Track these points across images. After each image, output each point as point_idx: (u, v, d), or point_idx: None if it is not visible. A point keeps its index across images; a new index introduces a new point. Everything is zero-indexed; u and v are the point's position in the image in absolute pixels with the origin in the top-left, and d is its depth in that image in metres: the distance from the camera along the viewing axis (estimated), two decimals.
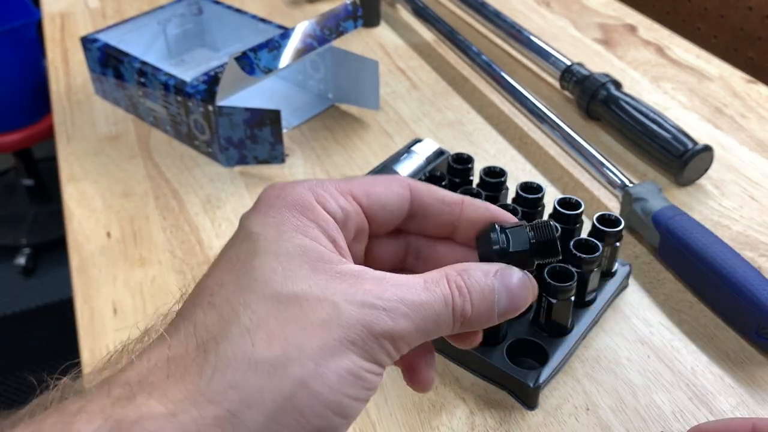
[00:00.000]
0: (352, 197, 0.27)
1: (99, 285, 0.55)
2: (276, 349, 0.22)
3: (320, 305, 0.23)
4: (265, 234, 0.24)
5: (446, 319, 0.25)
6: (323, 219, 0.25)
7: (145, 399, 0.21)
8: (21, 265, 1.77)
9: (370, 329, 0.23)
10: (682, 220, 0.53)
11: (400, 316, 0.23)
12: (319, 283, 0.23)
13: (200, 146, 0.69)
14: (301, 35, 0.64)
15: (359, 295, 0.23)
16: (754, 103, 0.75)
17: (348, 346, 0.22)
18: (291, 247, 0.24)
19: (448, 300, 0.25)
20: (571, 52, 0.84)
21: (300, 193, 0.26)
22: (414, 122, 0.73)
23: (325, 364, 0.22)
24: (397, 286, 0.24)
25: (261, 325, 0.22)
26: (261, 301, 0.23)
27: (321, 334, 0.22)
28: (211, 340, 0.22)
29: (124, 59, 0.70)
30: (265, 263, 0.23)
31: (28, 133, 1.60)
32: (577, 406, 0.44)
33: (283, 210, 0.25)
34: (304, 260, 0.24)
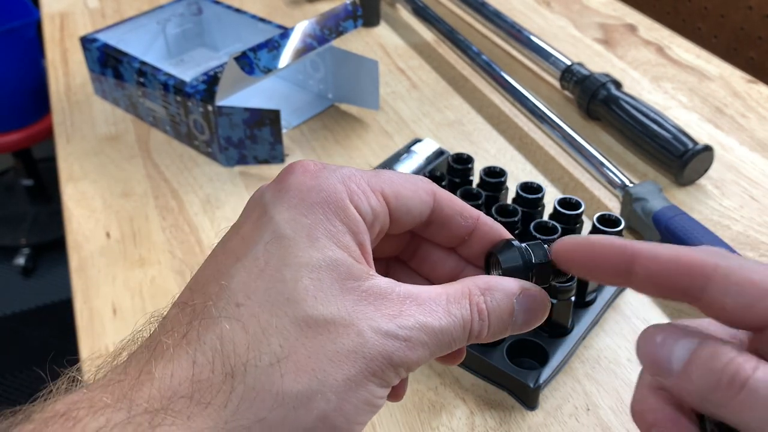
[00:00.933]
0: (383, 196, 0.26)
1: (98, 285, 0.55)
2: (303, 383, 0.22)
3: (347, 332, 0.23)
4: (297, 240, 0.24)
5: (460, 341, 0.25)
6: (355, 222, 0.25)
7: (167, 429, 0.20)
8: (20, 265, 1.77)
9: (390, 361, 0.23)
10: (683, 220, 0.53)
11: (419, 345, 0.24)
12: (347, 306, 0.23)
13: (200, 146, 0.68)
14: (301, 35, 0.64)
15: (384, 323, 0.23)
16: (755, 103, 0.75)
17: (369, 378, 0.23)
18: (323, 261, 0.23)
19: (467, 325, 0.25)
20: (571, 51, 0.84)
21: (334, 187, 0.25)
22: (414, 122, 0.73)
23: (347, 397, 0.22)
24: (419, 307, 0.24)
25: (291, 354, 0.22)
26: (292, 326, 0.22)
27: (347, 367, 0.22)
28: (240, 366, 0.21)
29: (124, 59, 0.70)
30: (297, 278, 0.23)
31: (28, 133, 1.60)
32: (577, 406, 0.44)
33: (315, 208, 0.24)
34: (334, 277, 0.23)
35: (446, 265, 0.30)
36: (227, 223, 0.60)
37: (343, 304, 0.23)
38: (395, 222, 0.27)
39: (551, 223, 0.48)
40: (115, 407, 0.21)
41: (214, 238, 0.59)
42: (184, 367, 0.22)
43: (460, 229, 0.29)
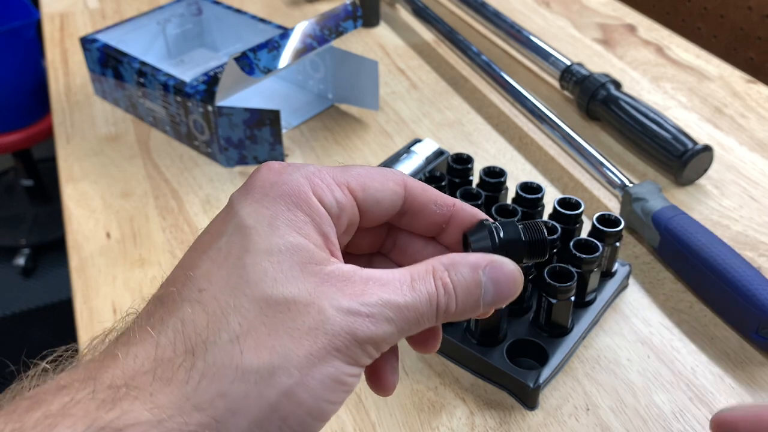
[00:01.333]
0: (349, 189, 0.27)
1: (98, 285, 0.55)
2: (264, 358, 0.22)
3: (307, 310, 0.23)
4: (258, 228, 0.24)
5: (429, 318, 0.25)
6: (317, 213, 0.25)
7: (130, 404, 0.21)
8: (20, 266, 1.77)
9: (355, 336, 0.23)
10: (682, 220, 0.53)
11: (384, 321, 0.24)
12: (307, 287, 0.23)
13: (200, 146, 0.68)
14: (301, 35, 0.64)
15: (345, 301, 0.23)
16: (754, 103, 0.75)
17: (333, 354, 0.23)
18: (283, 246, 0.24)
19: (433, 300, 0.25)
20: (570, 52, 0.84)
21: (297, 181, 0.25)
22: (414, 122, 0.73)
23: (310, 372, 0.22)
24: (382, 287, 0.24)
25: (250, 331, 0.22)
26: (251, 304, 0.23)
27: (307, 342, 0.22)
28: (200, 344, 0.22)
29: (124, 59, 0.70)
30: (256, 263, 0.23)
31: (28, 133, 1.60)
32: (577, 406, 0.44)
33: (278, 200, 0.25)
34: (294, 261, 0.24)
35: (427, 254, 0.30)
36: None
37: (304, 285, 0.23)
38: (366, 214, 0.28)
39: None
40: (79, 387, 0.21)
41: None
42: (147, 349, 0.22)
43: (435, 216, 0.29)
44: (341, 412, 0.44)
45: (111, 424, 0.20)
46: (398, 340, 0.25)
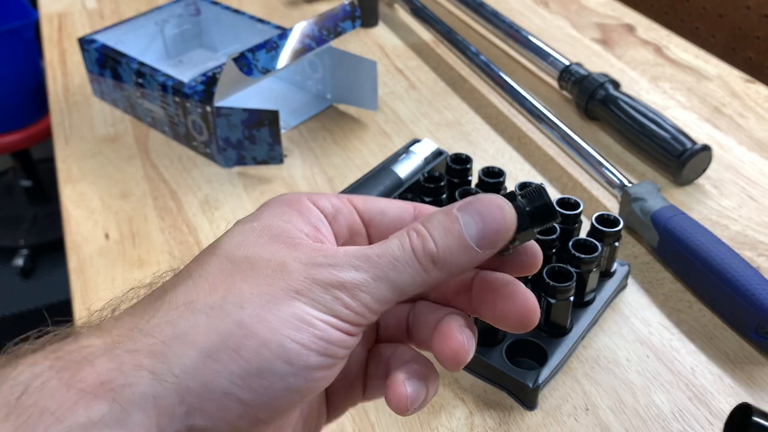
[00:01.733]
0: (349, 201, 0.27)
1: (97, 286, 0.55)
2: (217, 295, 0.22)
3: (268, 264, 0.23)
4: (245, 223, 0.25)
5: (408, 261, 0.23)
6: (307, 209, 0.26)
7: (87, 336, 0.22)
8: (19, 267, 1.77)
9: (315, 279, 0.22)
10: (681, 220, 0.53)
11: (349, 267, 0.23)
12: (272, 249, 0.24)
13: (198, 147, 0.68)
14: (300, 36, 0.64)
15: (307, 257, 0.23)
16: (753, 103, 0.75)
17: (292, 295, 0.22)
18: (258, 224, 0.25)
19: (405, 243, 0.23)
20: (569, 52, 0.84)
21: (295, 195, 0.27)
22: (412, 122, 0.73)
23: (267, 308, 0.22)
24: (351, 250, 0.24)
25: (207, 277, 0.23)
26: (214, 262, 0.24)
27: (264, 284, 0.22)
28: (160, 290, 0.24)
29: (122, 60, 0.70)
30: (228, 236, 0.25)
31: (26, 134, 1.60)
32: (576, 406, 0.44)
33: (272, 205, 0.26)
34: (265, 232, 0.24)
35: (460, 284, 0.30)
36: (226, 223, 0.60)
37: (269, 248, 0.24)
38: (371, 222, 0.27)
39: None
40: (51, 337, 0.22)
41: (213, 239, 0.59)
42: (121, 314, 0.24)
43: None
44: None
45: (64, 348, 0.21)
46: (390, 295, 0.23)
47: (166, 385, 0.21)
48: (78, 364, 0.20)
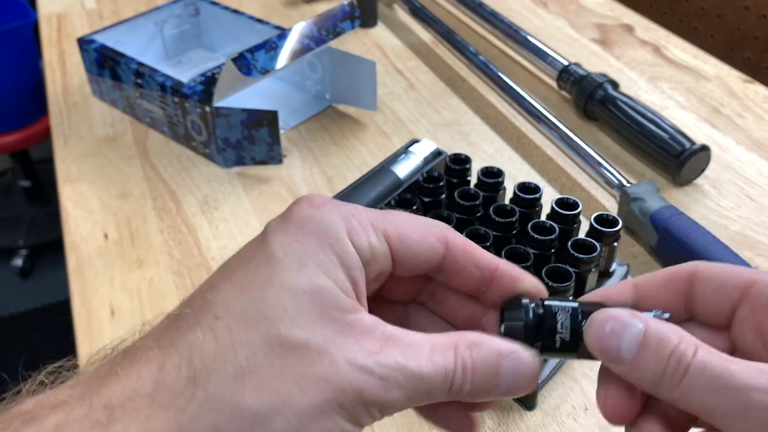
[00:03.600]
0: (385, 236, 0.26)
1: (96, 286, 0.55)
2: (265, 399, 0.21)
3: (320, 359, 0.22)
4: (286, 262, 0.23)
5: (440, 393, 0.24)
6: (349, 256, 0.24)
7: (124, 427, 0.20)
8: (18, 267, 1.76)
9: (362, 397, 0.22)
10: (680, 220, 0.53)
11: (395, 386, 0.23)
12: (324, 334, 0.23)
13: (197, 147, 0.68)
14: (299, 36, 0.64)
15: (360, 357, 0.23)
16: (751, 103, 0.75)
17: (336, 409, 0.22)
18: (308, 286, 0.23)
19: (449, 375, 0.24)
20: (568, 52, 0.84)
21: (333, 220, 0.25)
22: (411, 123, 0.73)
23: (309, 424, 0.22)
24: (401, 349, 0.23)
25: (256, 369, 0.22)
26: (263, 342, 0.22)
27: (313, 392, 0.22)
28: (204, 373, 0.22)
29: (121, 60, 0.70)
30: (277, 298, 0.23)
31: (25, 134, 1.60)
32: (575, 406, 0.44)
33: (311, 237, 0.24)
34: (316, 303, 0.23)
35: (465, 309, 0.29)
36: (225, 224, 0.60)
37: (321, 331, 0.23)
38: (401, 265, 0.27)
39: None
40: (75, 404, 0.21)
41: (212, 239, 0.59)
42: (151, 370, 0.22)
43: (474, 279, 0.28)
44: None
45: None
46: (402, 410, 0.24)
47: None
48: None
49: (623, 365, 0.24)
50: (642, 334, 0.23)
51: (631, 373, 0.24)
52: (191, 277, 0.55)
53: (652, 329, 0.23)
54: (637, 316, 0.24)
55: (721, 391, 0.22)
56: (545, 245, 0.47)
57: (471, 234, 0.47)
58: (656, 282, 0.27)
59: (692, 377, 0.22)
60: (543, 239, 0.47)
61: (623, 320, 0.24)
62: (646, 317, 0.24)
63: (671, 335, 0.23)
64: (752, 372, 0.22)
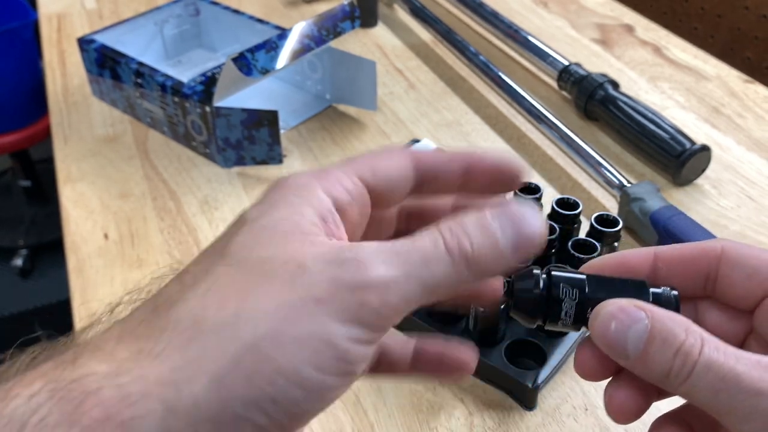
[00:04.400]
0: (359, 177, 0.25)
1: (96, 286, 0.55)
2: (227, 310, 0.20)
3: (284, 267, 0.21)
4: (251, 216, 0.23)
5: (441, 260, 0.22)
6: (319, 199, 0.24)
7: (88, 359, 0.20)
8: (18, 267, 1.76)
9: (341, 281, 0.20)
10: (680, 220, 0.53)
11: (379, 262, 0.21)
12: (288, 249, 0.21)
13: (198, 147, 0.68)
14: (299, 36, 0.64)
15: (330, 254, 0.21)
16: (752, 103, 0.75)
17: (312, 306, 0.20)
18: (269, 222, 0.22)
19: (437, 239, 0.22)
20: (568, 52, 0.84)
21: (301, 179, 0.24)
22: (412, 123, 0.73)
23: (282, 326, 0.20)
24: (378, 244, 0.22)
25: (218, 289, 0.21)
26: (224, 268, 0.21)
27: (279, 294, 0.20)
28: (166, 304, 0.21)
29: (121, 60, 0.70)
30: (239, 239, 0.22)
31: (25, 134, 1.60)
32: (575, 406, 0.44)
33: (277, 195, 0.24)
34: (277, 229, 0.22)
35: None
36: (225, 223, 0.60)
37: (283, 246, 0.21)
38: (380, 195, 0.26)
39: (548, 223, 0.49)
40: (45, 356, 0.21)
41: (213, 239, 0.59)
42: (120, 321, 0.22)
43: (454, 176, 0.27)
44: (339, 411, 0.44)
45: (65, 377, 0.19)
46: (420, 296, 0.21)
47: (178, 416, 0.19)
48: (80, 395, 0.19)
49: (629, 361, 0.23)
50: (647, 330, 0.23)
51: (637, 368, 0.23)
52: None
53: (658, 325, 0.23)
54: (643, 308, 0.23)
55: (726, 392, 0.22)
56: (545, 245, 0.47)
57: None
58: (679, 256, 0.27)
59: (698, 376, 0.22)
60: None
61: (629, 315, 0.23)
62: (652, 310, 0.23)
63: (677, 331, 0.23)
64: (759, 372, 0.22)
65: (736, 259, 0.26)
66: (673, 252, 0.27)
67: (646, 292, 0.25)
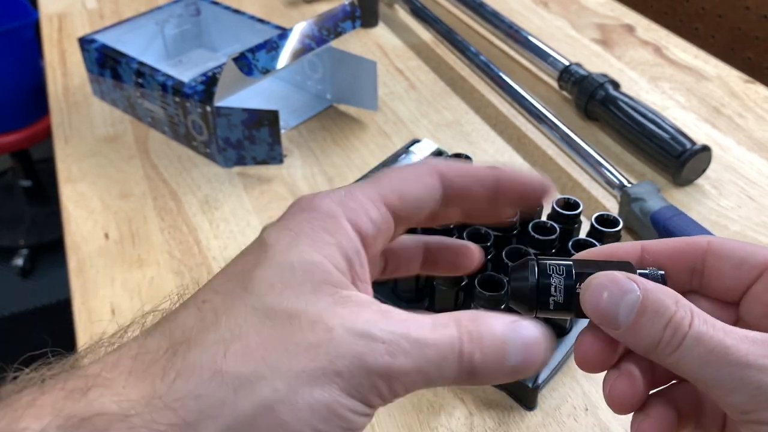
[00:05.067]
0: (385, 203, 0.25)
1: (97, 286, 0.55)
2: (249, 366, 0.20)
3: (312, 327, 0.21)
4: (277, 245, 0.23)
5: (451, 365, 0.22)
6: (346, 236, 0.23)
7: (99, 394, 0.19)
8: (19, 267, 1.77)
9: (364, 363, 0.21)
10: (681, 221, 0.53)
11: (401, 352, 0.21)
12: (317, 305, 0.21)
13: (198, 147, 0.68)
14: (299, 36, 0.64)
15: (359, 324, 0.21)
16: (752, 103, 0.75)
17: (332, 378, 0.20)
18: (298, 262, 0.22)
19: (455, 344, 0.22)
20: (569, 52, 0.84)
21: (328, 206, 0.24)
22: (412, 123, 0.73)
23: (300, 391, 0.20)
24: (403, 321, 0.22)
25: (240, 337, 0.20)
26: (248, 312, 0.21)
27: (304, 359, 0.20)
28: (184, 342, 0.21)
29: (122, 60, 0.70)
30: (265, 276, 0.22)
31: (26, 134, 1.60)
32: (576, 406, 0.44)
33: (304, 222, 0.23)
34: (307, 277, 0.22)
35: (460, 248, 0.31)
36: (225, 223, 0.60)
37: (314, 301, 0.21)
38: (406, 218, 0.26)
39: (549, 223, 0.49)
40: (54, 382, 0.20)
41: (213, 239, 0.59)
42: (131, 348, 0.21)
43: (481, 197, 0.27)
44: None
45: (76, 414, 0.19)
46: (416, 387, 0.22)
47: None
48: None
49: (620, 331, 0.24)
50: (639, 300, 0.23)
51: (628, 338, 0.24)
52: (192, 277, 0.55)
53: (650, 296, 0.23)
54: (634, 280, 0.24)
55: (714, 364, 0.22)
56: (546, 245, 0.47)
57: (471, 234, 0.47)
58: (666, 249, 0.27)
59: (687, 348, 0.22)
60: (544, 239, 0.47)
61: (621, 285, 0.24)
62: (643, 282, 0.24)
63: (668, 303, 0.23)
64: (746, 346, 0.22)
65: (722, 251, 0.26)
66: (660, 245, 0.27)
67: (633, 271, 0.25)
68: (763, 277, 0.26)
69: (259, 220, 0.61)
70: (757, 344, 0.22)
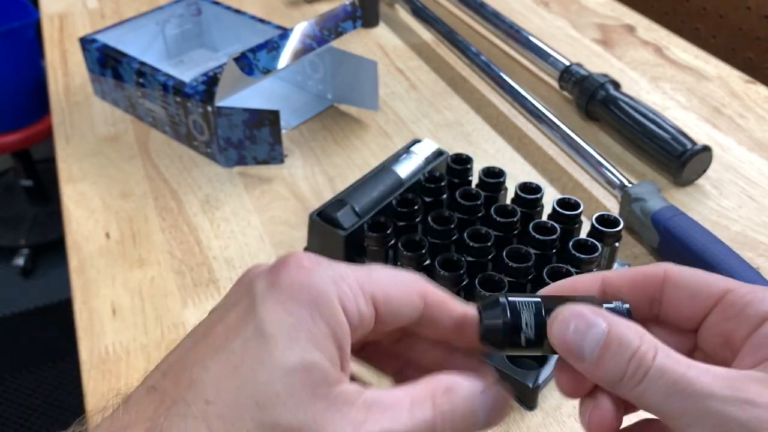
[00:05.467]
0: (373, 300, 0.26)
1: (98, 286, 0.55)
2: None
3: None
4: (277, 339, 0.23)
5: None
6: (340, 325, 0.24)
7: None
8: (20, 266, 1.77)
9: None
10: (681, 221, 0.53)
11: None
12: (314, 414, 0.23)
13: (199, 147, 0.69)
14: (300, 36, 0.64)
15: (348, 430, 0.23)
16: (753, 103, 0.75)
17: None
18: (299, 364, 0.23)
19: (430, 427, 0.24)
20: (569, 52, 0.84)
21: (326, 287, 0.24)
22: (413, 123, 0.73)
23: None
24: (383, 413, 0.24)
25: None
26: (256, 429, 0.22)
27: None
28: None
29: (123, 60, 0.70)
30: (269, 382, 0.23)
31: (27, 133, 1.60)
32: (576, 406, 0.44)
33: (303, 308, 0.24)
34: (307, 382, 0.23)
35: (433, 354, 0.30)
36: (226, 223, 0.60)
37: (312, 411, 0.23)
38: (383, 323, 0.27)
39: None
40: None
41: (213, 239, 0.59)
42: None
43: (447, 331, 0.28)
44: None
45: None
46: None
47: None
48: None
49: (585, 364, 0.24)
50: (604, 335, 0.24)
51: (593, 372, 0.24)
52: (192, 277, 0.55)
53: (614, 332, 0.24)
54: (600, 315, 0.24)
55: (677, 396, 0.22)
56: (546, 245, 0.47)
57: (472, 234, 0.47)
58: (625, 279, 0.28)
59: (651, 381, 0.23)
60: (544, 239, 0.47)
61: (587, 319, 0.24)
62: (609, 317, 0.24)
63: (632, 338, 0.24)
64: (709, 378, 0.22)
65: (678, 281, 0.27)
66: (620, 276, 0.28)
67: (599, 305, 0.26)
68: (717, 307, 0.26)
69: (259, 220, 0.61)
70: (719, 377, 0.22)
